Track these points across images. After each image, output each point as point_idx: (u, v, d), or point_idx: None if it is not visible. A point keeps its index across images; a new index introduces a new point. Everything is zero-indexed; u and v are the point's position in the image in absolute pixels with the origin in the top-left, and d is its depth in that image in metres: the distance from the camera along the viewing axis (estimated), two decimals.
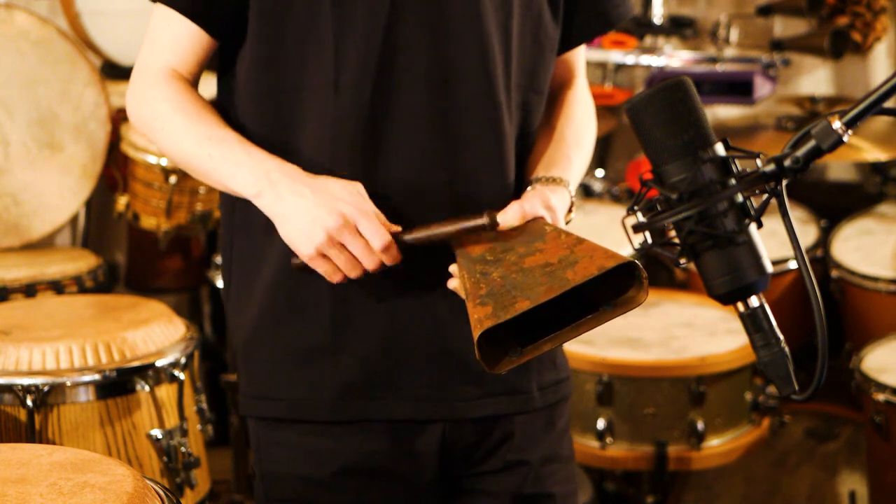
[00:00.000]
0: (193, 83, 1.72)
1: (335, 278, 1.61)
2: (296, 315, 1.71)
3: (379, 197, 1.62)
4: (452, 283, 1.62)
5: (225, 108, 1.74)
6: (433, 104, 1.65)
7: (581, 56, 1.89)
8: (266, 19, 1.65)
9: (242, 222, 1.74)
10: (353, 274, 1.60)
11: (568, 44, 1.82)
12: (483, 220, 1.59)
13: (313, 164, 1.64)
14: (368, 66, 1.63)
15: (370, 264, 1.59)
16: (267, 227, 1.67)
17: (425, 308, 1.70)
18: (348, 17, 1.63)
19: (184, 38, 1.68)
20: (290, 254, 1.65)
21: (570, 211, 1.72)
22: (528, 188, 1.70)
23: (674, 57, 3.66)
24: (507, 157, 1.71)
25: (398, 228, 1.61)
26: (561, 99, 1.85)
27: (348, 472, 1.72)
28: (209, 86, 1.73)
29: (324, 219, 1.57)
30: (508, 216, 1.62)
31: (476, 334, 1.45)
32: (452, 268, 1.62)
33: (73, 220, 3.39)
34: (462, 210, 1.64)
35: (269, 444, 1.77)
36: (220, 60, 1.74)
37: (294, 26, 1.64)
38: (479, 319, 1.47)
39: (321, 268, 1.61)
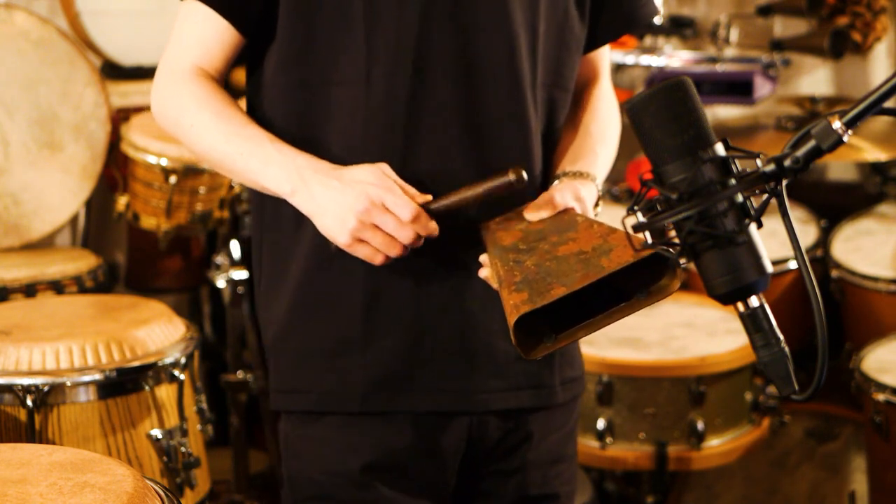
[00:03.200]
0: (220, 81, 1.72)
1: (377, 260, 1.62)
2: (326, 308, 1.72)
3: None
4: (484, 273, 1.63)
5: (253, 106, 1.75)
6: (461, 100, 1.67)
7: (606, 55, 1.91)
8: (296, 15, 1.66)
9: (273, 218, 1.76)
10: (394, 252, 1.60)
11: (594, 43, 1.83)
12: (510, 178, 1.59)
13: (344, 159, 1.65)
14: (399, 61, 1.65)
15: (406, 238, 1.59)
16: (297, 222, 1.68)
17: (454, 301, 1.71)
18: (379, 13, 1.64)
19: (212, 35, 1.69)
20: (319, 248, 1.67)
21: (597, 204, 1.73)
22: (556, 181, 1.71)
23: (674, 57, 3.66)
24: (534, 153, 1.72)
25: (428, 198, 1.62)
26: (586, 96, 1.87)
27: (375, 468, 1.73)
28: None
29: (351, 204, 1.58)
30: (540, 207, 1.63)
31: (512, 319, 1.45)
32: (483, 257, 1.63)
33: (73, 220, 3.39)
34: (490, 202, 1.64)
35: (297, 440, 1.78)
36: (249, 59, 1.75)
37: (324, 22, 1.65)
38: (516, 305, 1.47)
39: (361, 252, 1.61)
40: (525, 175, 1.60)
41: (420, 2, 1.64)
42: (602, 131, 1.82)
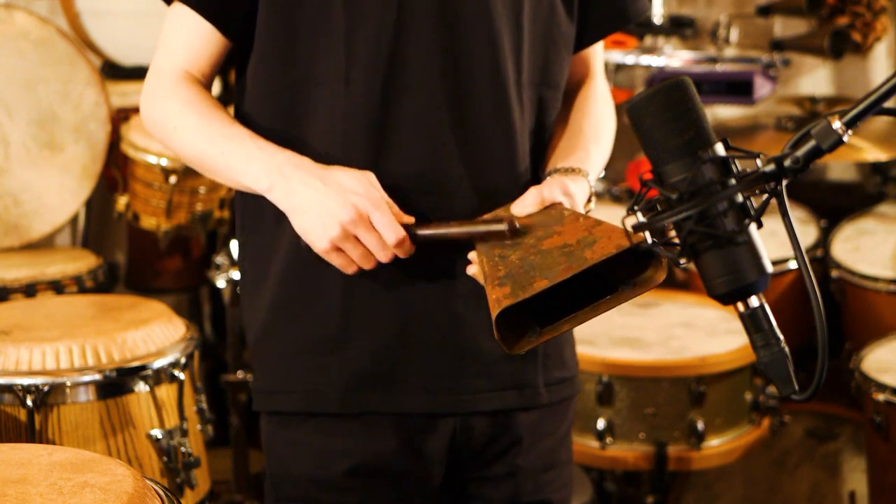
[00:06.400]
0: (206, 85, 1.72)
1: (349, 270, 1.62)
2: (306, 307, 1.71)
3: (389, 189, 1.62)
4: (472, 270, 1.62)
5: (238, 106, 1.75)
6: (443, 98, 1.66)
7: (599, 53, 1.89)
8: (275, 13, 1.65)
9: (254, 218, 1.75)
10: (368, 266, 1.61)
11: (584, 40, 1.82)
12: (502, 228, 1.58)
13: (325, 158, 1.64)
14: (379, 59, 1.64)
15: (383, 257, 1.59)
16: (277, 220, 1.67)
17: (436, 300, 1.70)
18: (359, 11, 1.63)
19: (198, 39, 1.69)
20: (298, 245, 1.65)
21: (589, 201, 1.72)
22: (547, 177, 1.70)
23: (674, 57, 3.65)
24: (518, 152, 1.71)
25: (411, 220, 1.61)
26: (578, 95, 1.86)
27: (358, 472, 1.72)
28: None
29: (337, 212, 1.57)
30: (527, 202, 1.63)
31: (494, 313, 1.45)
32: (471, 255, 1.63)
33: (73, 220, 3.38)
34: (474, 203, 1.64)
35: (279, 442, 1.77)
36: (237, 60, 1.74)
37: (304, 20, 1.65)
38: (498, 299, 1.47)
39: (336, 261, 1.61)
40: (518, 226, 1.59)
41: (400, 0, 1.63)
42: (595, 130, 1.81)
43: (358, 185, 1.58)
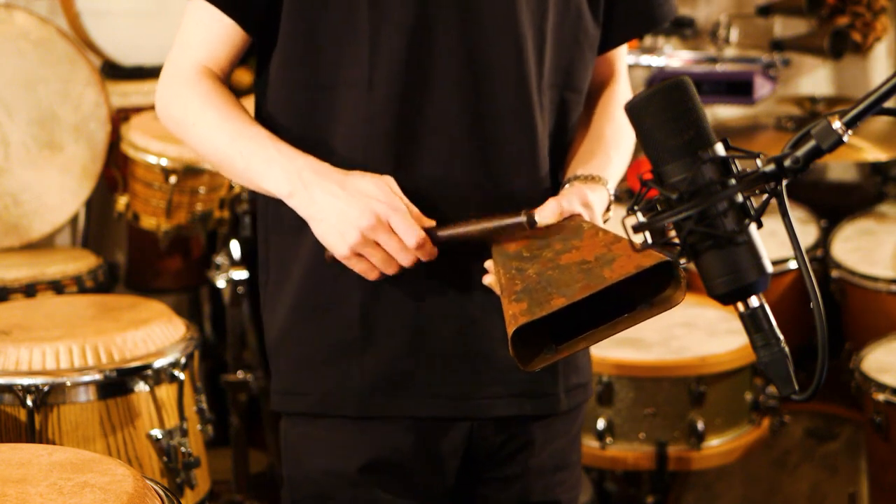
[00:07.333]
0: (225, 81, 1.71)
1: (372, 276, 1.61)
2: (325, 311, 1.71)
3: (412, 194, 1.62)
4: (487, 279, 1.62)
5: (259, 106, 1.74)
6: (466, 102, 1.65)
7: (622, 56, 1.88)
8: (299, 14, 1.65)
9: (274, 220, 1.75)
10: (390, 271, 1.60)
11: (609, 43, 1.81)
12: (521, 219, 1.57)
13: (347, 161, 1.64)
14: (402, 64, 1.63)
15: (406, 261, 1.59)
16: (297, 224, 1.67)
17: (454, 306, 1.70)
18: (383, 15, 1.63)
19: (217, 34, 1.68)
20: (320, 251, 1.65)
21: (608, 209, 1.71)
22: (567, 185, 1.69)
23: (674, 57, 3.65)
24: (540, 156, 1.70)
25: (432, 223, 1.60)
26: (601, 98, 1.84)
27: (373, 469, 1.72)
28: None
29: (357, 218, 1.56)
30: (546, 213, 1.61)
31: (510, 330, 1.45)
32: (488, 263, 1.62)
33: (73, 220, 3.38)
34: (495, 207, 1.63)
35: (296, 439, 1.77)
36: (257, 58, 1.74)
37: (329, 22, 1.64)
38: (514, 315, 1.46)
39: (357, 266, 1.61)
40: (537, 218, 1.58)
41: (424, 3, 1.63)
42: (616, 134, 1.79)
43: (377, 191, 1.58)
